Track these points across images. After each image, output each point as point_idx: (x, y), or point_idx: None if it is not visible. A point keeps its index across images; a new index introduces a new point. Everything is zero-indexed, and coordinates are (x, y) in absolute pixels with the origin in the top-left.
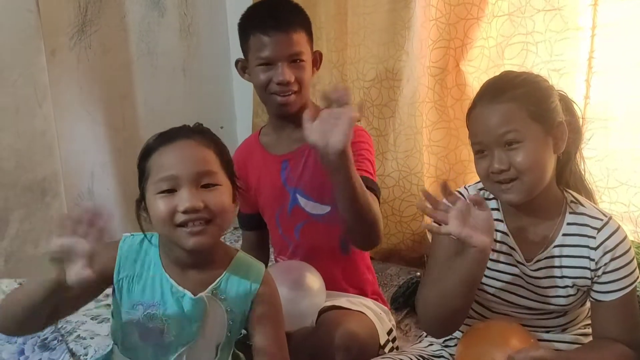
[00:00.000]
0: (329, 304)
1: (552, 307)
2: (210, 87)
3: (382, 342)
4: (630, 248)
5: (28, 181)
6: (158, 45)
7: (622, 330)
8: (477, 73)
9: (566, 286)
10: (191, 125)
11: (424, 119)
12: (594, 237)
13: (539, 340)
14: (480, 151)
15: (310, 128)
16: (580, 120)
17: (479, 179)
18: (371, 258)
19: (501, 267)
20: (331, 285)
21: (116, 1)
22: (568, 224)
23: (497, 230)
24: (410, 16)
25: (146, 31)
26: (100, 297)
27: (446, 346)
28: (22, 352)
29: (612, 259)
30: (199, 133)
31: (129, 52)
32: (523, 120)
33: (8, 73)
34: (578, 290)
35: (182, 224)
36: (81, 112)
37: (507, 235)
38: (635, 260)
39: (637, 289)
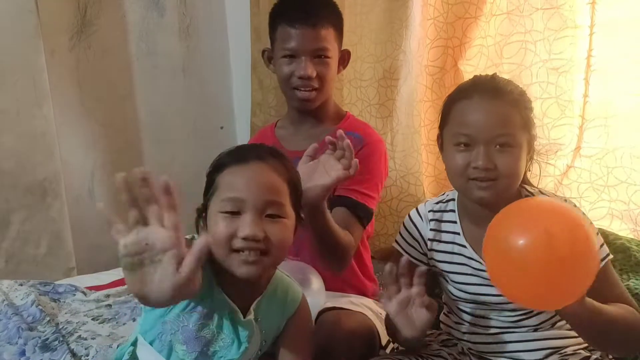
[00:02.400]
0: (329, 304)
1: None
2: (210, 88)
3: (383, 342)
4: (591, 224)
5: (28, 182)
6: (157, 46)
7: (613, 298)
8: (475, 72)
9: None
10: (267, 147)
11: (422, 118)
12: None
13: (528, 339)
14: (463, 144)
15: (301, 166)
16: (580, 119)
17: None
18: (372, 257)
19: (461, 278)
20: (331, 286)
21: (115, 2)
22: None
23: (455, 243)
24: (408, 15)
25: (145, 32)
26: (101, 297)
27: (444, 345)
28: (23, 353)
29: None
30: (275, 158)
31: (129, 53)
32: (517, 126)
33: (8, 74)
34: None
35: (238, 250)
36: (81, 113)
37: (465, 247)
38: (599, 236)
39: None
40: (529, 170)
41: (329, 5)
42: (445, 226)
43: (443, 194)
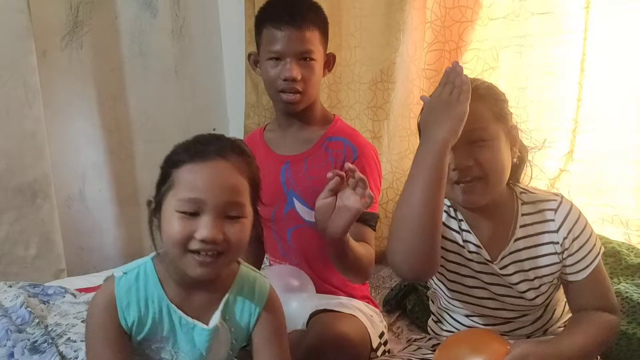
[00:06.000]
0: (320, 307)
1: (527, 301)
2: (203, 89)
3: (374, 345)
4: (586, 223)
5: (18, 183)
6: (150, 47)
7: (597, 298)
8: (472, 75)
9: (535, 278)
10: (228, 142)
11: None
12: (553, 220)
13: None
14: None
15: (321, 202)
16: (574, 123)
17: None
18: None
19: (474, 265)
20: (321, 289)
21: (108, 2)
22: (523, 214)
23: (462, 230)
24: (405, 19)
25: (138, 32)
26: (91, 299)
27: (435, 350)
28: (11, 355)
29: (574, 240)
30: (237, 154)
31: (121, 53)
32: (489, 119)
33: None
34: (552, 279)
35: (194, 251)
36: (72, 114)
37: (470, 233)
38: (593, 234)
39: None
40: (519, 168)
41: (315, 8)
42: (452, 222)
43: None
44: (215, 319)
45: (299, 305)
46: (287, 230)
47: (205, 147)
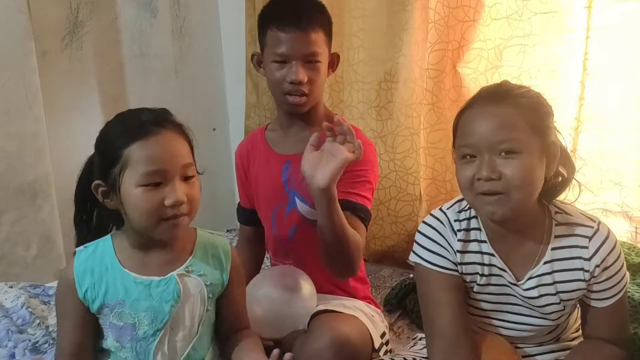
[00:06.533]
0: (321, 307)
1: (549, 322)
2: (203, 89)
3: (376, 345)
4: (620, 254)
5: (19, 183)
6: (150, 47)
7: (612, 330)
8: (474, 75)
9: (561, 301)
10: (159, 113)
11: (422, 120)
12: (587, 247)
13: (532, 354)
14: (468, 155)
15: (306, 155)
16: (576, 121)
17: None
18: (365, 260)
19: (492, 289)
20: (322, 289)
21: (108, 2)
22: (556, 237)
23: (482, 253)
24: (407, 19)
25: (138, 33)
26: None
27: None
28: (13, 356)
29: (605, 269)
30: (169, 121)
31: (121, 54)
32: (524, 130)
33: None
34: (576, 302)
35: (167, 218)
36: (72, 114)
37: (494, 256)
38: (624, 265)
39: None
40: (560, 187)
41: (319, 8)
42: (472, 234)
43: (460, 200)
44: (174, 273)
45: (300, 305)
46: (289, 230)
47: (144, 124)
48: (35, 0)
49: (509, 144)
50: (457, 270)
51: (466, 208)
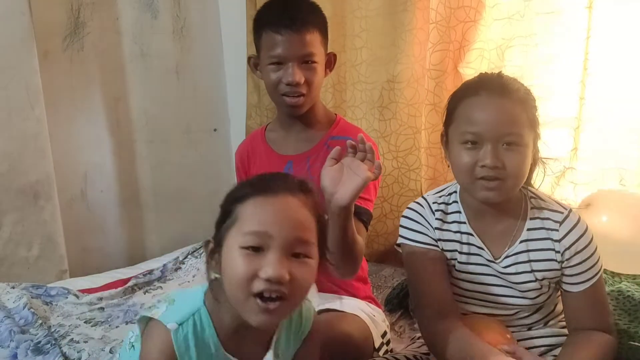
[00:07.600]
0: (322, 306)
1: (528, 300)
2: (204, 89)
3: (376, 345)
4: (592, 239)
5: (21, 184)
6: (151, 48)
7: (594, 317)
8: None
9: (537, 279)
10: (295, 180)
11: (423, 121)
12: (557, 230)
13: (523, 338)
14: (471, 142)
15: (327, 170)
16: (577, 121)
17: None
18: (366, 260)
19: (471, 268)
20: (323, 288)
21: (109, 3)
22: (531, 218)
23: (461, 232)
24: (410, 19)
25: (139, 33)
26: (94, 300)
27: None
28: (15, 356)
29: (576, 253)
30: (304, 192)
31: (122, 54)
32: (524, 125)
33: (0, 75)
34: (549, 283)
35: (257, 294)
36: (74, 115)
37: (472, 235)
38: (597, 252)
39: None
40: (531, 171)
41: (313, 8)
42: (451, 217)
43: (442, 188)
44: (269, 356)
45: None
46: None
47: (272, 183)
48: (36, 2)
49: (512, 137)
50: (437, 246)
51: (446, 194)
